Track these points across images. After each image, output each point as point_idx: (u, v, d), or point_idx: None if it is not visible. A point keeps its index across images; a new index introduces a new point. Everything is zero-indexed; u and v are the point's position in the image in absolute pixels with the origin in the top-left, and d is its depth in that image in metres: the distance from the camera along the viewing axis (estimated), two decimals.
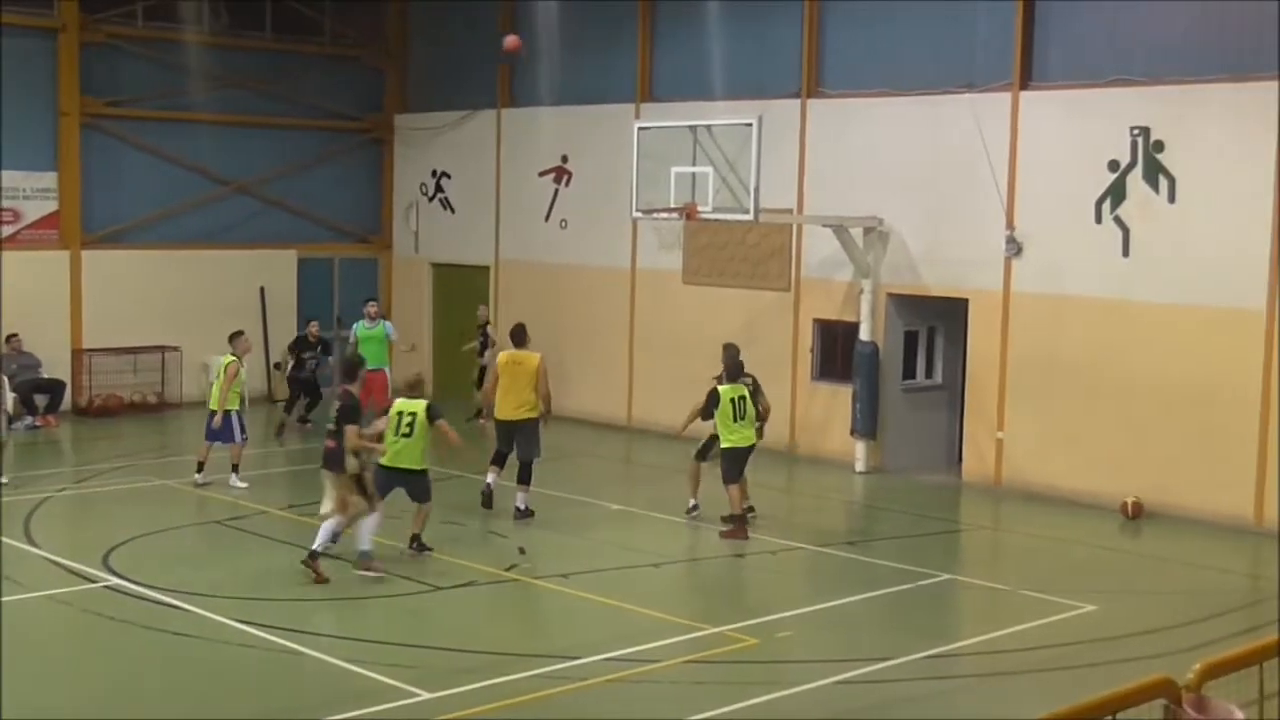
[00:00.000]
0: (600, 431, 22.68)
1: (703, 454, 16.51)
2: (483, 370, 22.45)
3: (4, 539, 14.92)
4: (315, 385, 22.83)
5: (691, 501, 16.56)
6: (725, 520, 15.79)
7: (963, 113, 18.86)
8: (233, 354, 18.16)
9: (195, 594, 12.86)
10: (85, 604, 12.80)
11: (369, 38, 27.02)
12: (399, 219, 27.39)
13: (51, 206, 23.98)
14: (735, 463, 15.88)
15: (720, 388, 15.92)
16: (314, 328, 23.28)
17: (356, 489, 13.77)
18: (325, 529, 13.63)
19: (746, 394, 16.01)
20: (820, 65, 20.89)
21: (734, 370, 16.16)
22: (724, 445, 15.86)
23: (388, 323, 23.14)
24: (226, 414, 17.71)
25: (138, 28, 24.34)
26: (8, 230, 23.51)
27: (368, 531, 13.72)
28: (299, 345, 23.07)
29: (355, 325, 22.76)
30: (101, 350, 24.07)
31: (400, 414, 14.41)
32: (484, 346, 23.42)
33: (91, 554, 14.31)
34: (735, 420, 15.81)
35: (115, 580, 13.43)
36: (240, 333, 18.90)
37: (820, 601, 13.56)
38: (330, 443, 13.90)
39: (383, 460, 14.14)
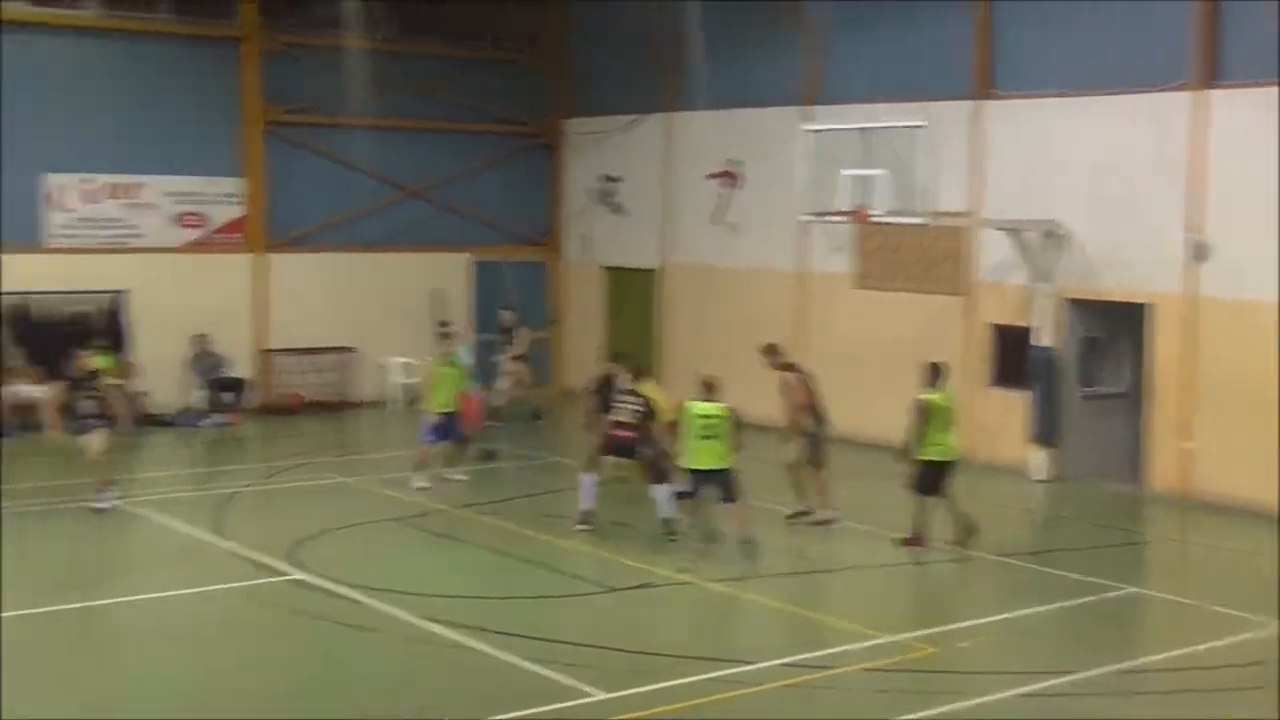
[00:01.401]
0: (766, 434, 22.56)
1: (813, 458, 16.31)
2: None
3: (196, 532, 15.44)
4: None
5: (803, 506, 16.41)
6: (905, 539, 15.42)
7: (1141, 112, 18.41)
8: (444, 353, 18.61)
9: (377, 589, 13.11)
10: (271, 597, 13.14)
11: (529, 41, 27.30)
12: (568, 222, 27.64)
13: (236, 212, 24.70)
14: (933, 477, 15.35)
15: (931, 396, 15.38)
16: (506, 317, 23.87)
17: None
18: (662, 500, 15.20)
19: (950, 402, 15.56)
20: (992, 66, 20.56)
21: (936, 376, 15.59)
22: (925, 458, 15.31)
23: (462, 345, 20.63)
24: (443, 414, 18.00)
25: (314, 35, 24.93)
26: (195, 235, 24.31)
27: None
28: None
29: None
30: (284, 351, 24.75)
31: (703, 416, 14.72)
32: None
33: (278, 548, 14.69)
34: (940, 430, 15.32)
35: (300, 575, 13.77)
36: (450, 333, 19.44)
37: (1001, 612, 13.33)
38: (628, 433, 15.33)
39: (689, 463, 14.71)
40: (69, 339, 21.12)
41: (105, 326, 22.89)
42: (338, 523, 16.09)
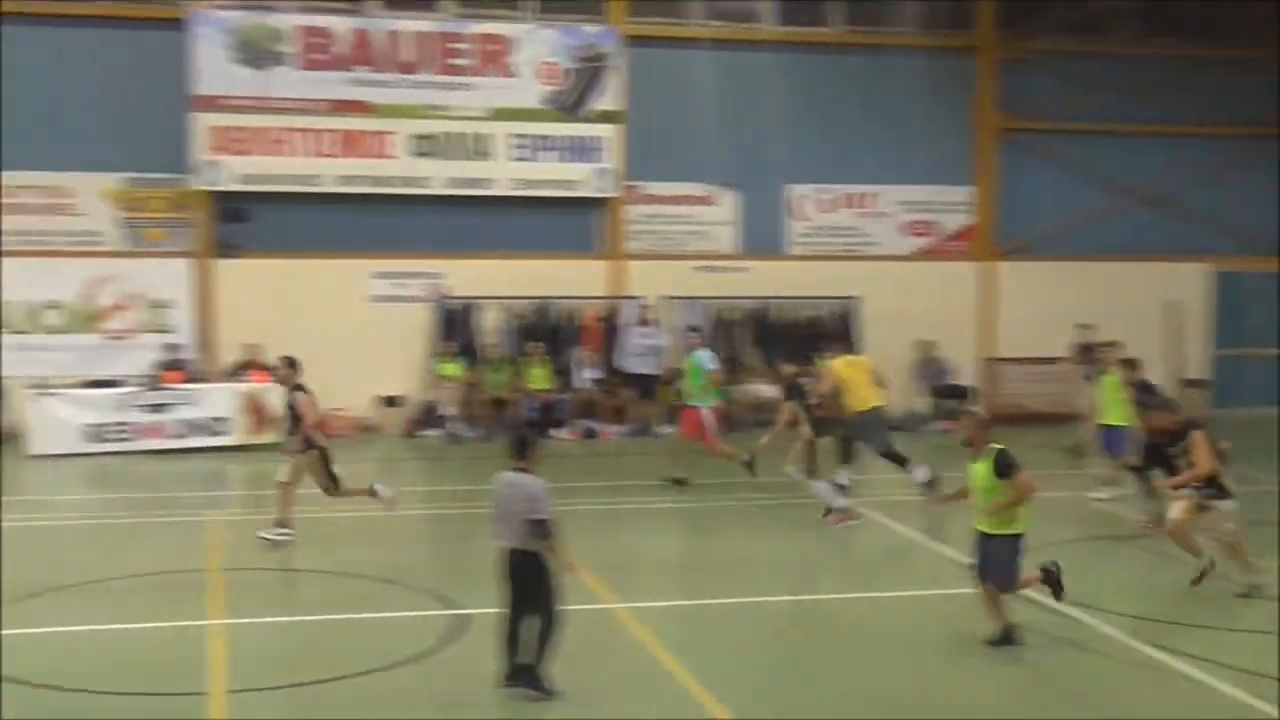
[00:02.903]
0: None
1: None
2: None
3: (911, 534, 15.63)
4: None
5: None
6: None
7: None
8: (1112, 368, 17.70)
9: (1092, 606, 12.62)
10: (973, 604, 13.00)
11: (1267, 37, 25.29)
12: None
13: (965, 220, 24.86)
14: None
15: None
16: None
17: None
18: None
19: None
20: None
21: None
22: None
23: (703, 353, 18.83)
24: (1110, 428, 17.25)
25: (1052, 41, 24.55)
26: (925, 243, 24.73)
27: None
28: None
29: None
30: (1011, 360, 24.58)
31: None
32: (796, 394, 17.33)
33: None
34: None
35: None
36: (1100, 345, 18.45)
37: None
38: None
39: None
40: (802, 342, 22.29)
41: (836, 331, 23.76)
42: (1046, 539, 15.64)
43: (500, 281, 23.36)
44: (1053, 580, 11.56)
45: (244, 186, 22.64)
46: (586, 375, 23.27)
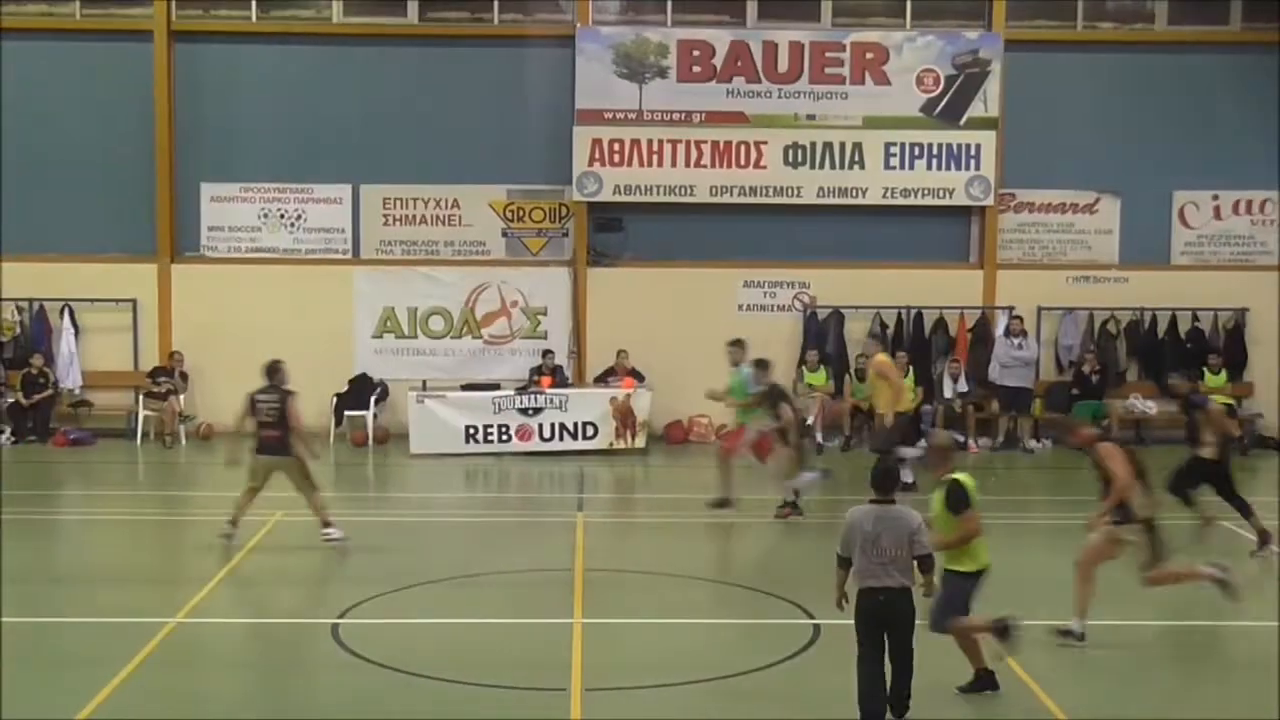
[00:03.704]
0: None
1: None
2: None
3: None
4: None
5: None
6: None
7: None
8: None
9: None
10: None
11: None
12: None
13: None
14: None
15: None
16: None
17: None
18: None
19: None
20: None
21: None
22: None
23: (745, 368, 17.56)
24: None
25: None
26: None
27: None
28: None
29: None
30: None
31: None
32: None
33: None
34: None
35: None
36: None
37: None
38: None
39: None
40: (1186, 357, 21.33)
41: (1223, 345, 22.78)
42: None
43: (868, 290, 23.15)
44: (1003, 632, 10.25)
45: (619, 198, 23.23)
46: (955, 386, 22.78)
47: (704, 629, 12.46)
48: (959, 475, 10.26)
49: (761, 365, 17.19)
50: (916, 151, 23.12)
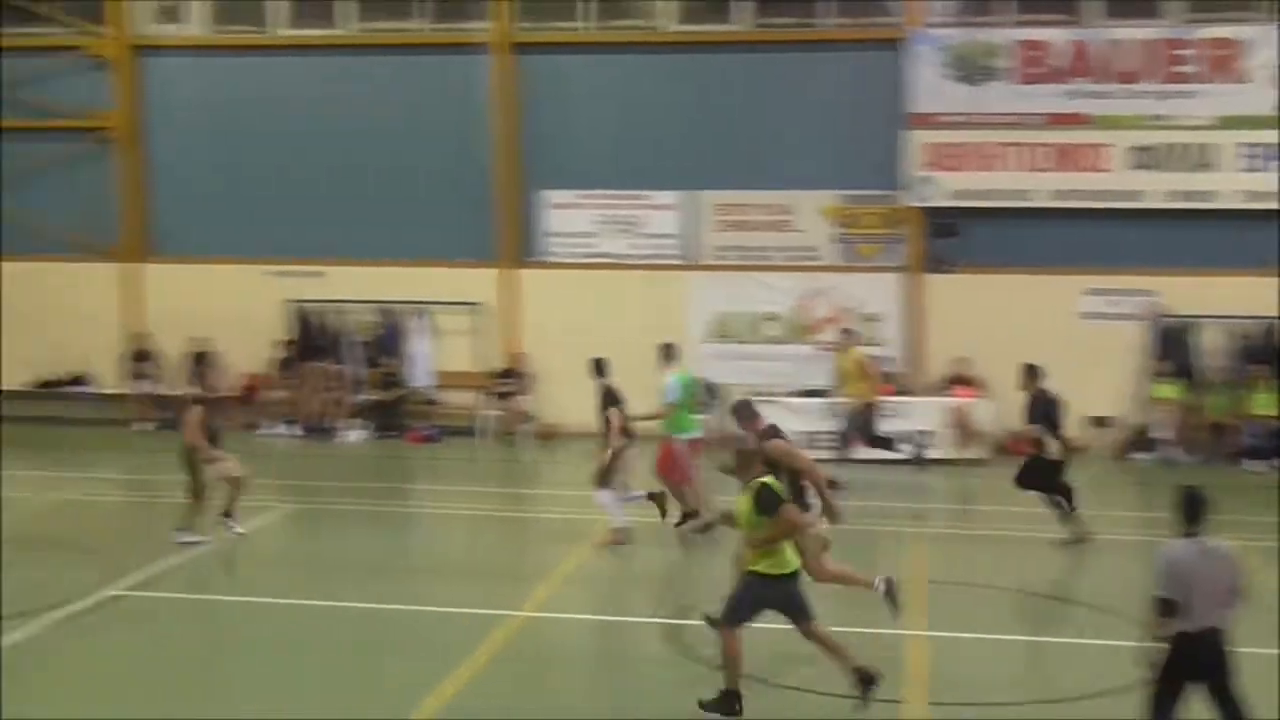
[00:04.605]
0: None
1: None
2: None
3: None
4: None
5: None
6: None
7: None
8: None
9: None
10: None
11: None
12: None
13: None
14: None
15: None
16: None
17: None
18: None
19: None
20: None
21: None
22: None
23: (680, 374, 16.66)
24: None
25: None
26: None
27: None
28: None
29: None
30: None
31: None
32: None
33: None
34: None
35: None
36: None
37: None
38: None
39: None
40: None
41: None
42: None
43: (1221, 299, 21.97)
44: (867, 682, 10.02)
45: (955, 202, 22.74)
46: None
47: (1051, 649, 12.03)
48: (768, 479, 10.15)
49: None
50: (1276, 152, 21.89)
